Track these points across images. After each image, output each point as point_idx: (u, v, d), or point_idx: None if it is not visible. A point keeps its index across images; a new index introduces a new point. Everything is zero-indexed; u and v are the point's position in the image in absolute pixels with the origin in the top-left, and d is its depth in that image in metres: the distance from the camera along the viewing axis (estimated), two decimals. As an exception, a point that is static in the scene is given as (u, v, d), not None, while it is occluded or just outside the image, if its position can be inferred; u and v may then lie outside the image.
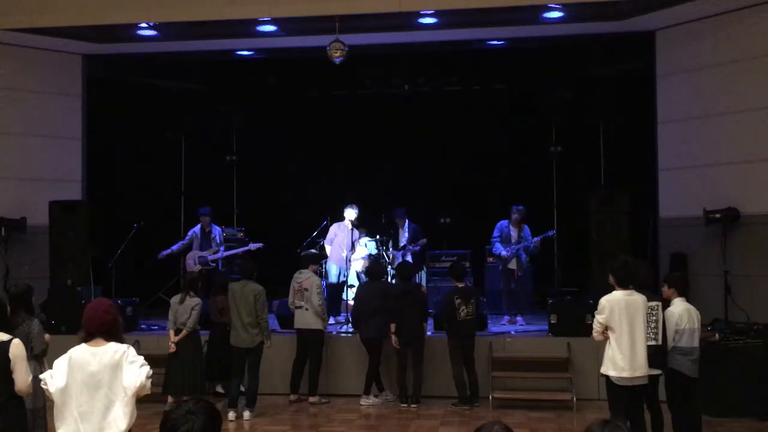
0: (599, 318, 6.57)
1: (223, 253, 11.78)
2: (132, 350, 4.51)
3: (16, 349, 5.18)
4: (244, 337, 8.86)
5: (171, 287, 12.02)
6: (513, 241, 11.16)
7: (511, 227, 11.18)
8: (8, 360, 5.13)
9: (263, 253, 11.68)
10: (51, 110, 11.80)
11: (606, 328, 6.55)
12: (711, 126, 10.46)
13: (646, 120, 11.41)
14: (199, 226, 11.75)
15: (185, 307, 9.00)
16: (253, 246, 11.73)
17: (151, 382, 4.51)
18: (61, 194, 11.36)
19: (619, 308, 6.48)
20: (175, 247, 11.67)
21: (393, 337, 9.33)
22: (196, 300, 9.10)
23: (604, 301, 6.55)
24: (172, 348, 8.95)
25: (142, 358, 4.52)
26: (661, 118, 11.14)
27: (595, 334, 6.67)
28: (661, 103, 11.14)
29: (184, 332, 8.92)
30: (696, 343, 6.97)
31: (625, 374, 6.45)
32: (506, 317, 11.28)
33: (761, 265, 9.82)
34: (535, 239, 11.18)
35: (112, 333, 4.53)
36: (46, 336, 6.51)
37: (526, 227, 11.28)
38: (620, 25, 10.80)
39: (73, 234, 10.82)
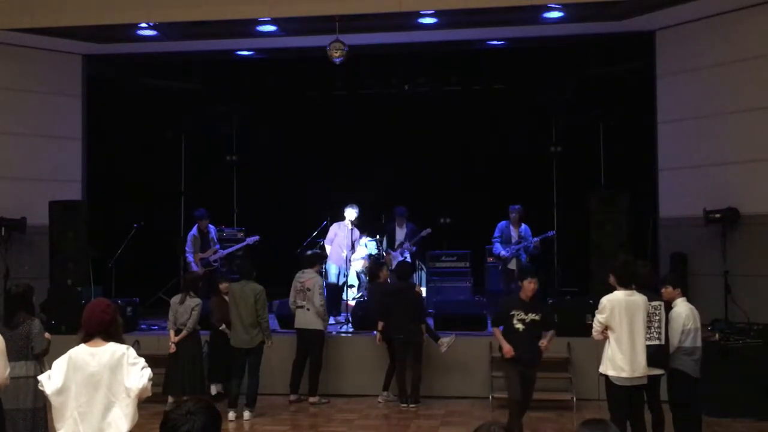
0: (599, 317, 6.57)
1: (222, 252, 11.79)
2: (132, 351, 4.51)
3: None
4: (244, 337, 8.86)
5: (171, 287, 12.02)
6: (513, 240, 11.19)
7: (511, 227, 11.22)
8: None
9: (263, 253, 11.68)
10: (51, 110, 11.80)
11: (605, 328, 6.56)
12: (711, 126, 10.47)
13: (646, 120, 11.42)
14: (196, 227, 11.75)
15: (185, 308, 9.00)
16: (250, 240, 11.73)
17: (151, 384, 4.52)
18: (61, 194, 11.35)
19: (619, 308, 6.48)
20: (191, 258, 11.68)
21: (377, 334, 9.38)
22: (197, 300, 9.10)
23: (605, 300, 6.55)
24: (172, 348, 8.95)
25: (143, 360, 4.52)
26: (661, 118, 11.15)
27: (594, 333, 6.67)
28: (661, 103, 11.15)
29: (184, 332, 8.92)
30: (699, 343, 6.98)
31: (624, 374, 6.45)
32: None
33: (761, 265, 9.82)
34: (535, 239, 11.20)
35: (110, 333, 4.53)
36: (46, 335, 6.51)
37: (525, 226, 11.31)
38: (620, 25, 10.80)
39: (73, 234, 10.81)
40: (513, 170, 13.33)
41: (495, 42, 12.00)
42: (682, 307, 6.98)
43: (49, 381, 4.43)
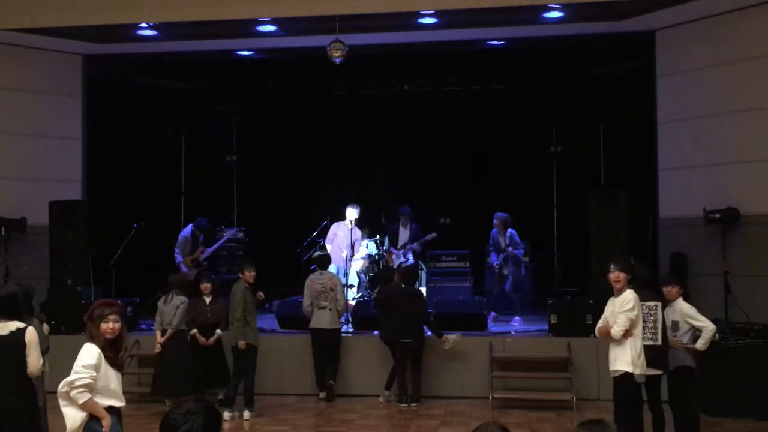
0: (631, 315, 6.45)
1: (208, 250, 11.96)
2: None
3: (31, 335, 5.64)
4: (230, 335, 8.92)
5: (171, 287, 12.01)
6: (502, 247, 11.35)
7: (498, 235, 11.40)
8: (24, 345, 5.56)
9: (263, 253, 11.66)
10: (51, 110, 11.78)
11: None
12: (711, 126, 10.45)
13: (646, 120, 11.40)
14: (190, 229, 11.84)
15: (171, 306, 8.96)
16: (229, 232, 11.78)
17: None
18: (61, 194, 11.35)
19: (638, 306, 6.55)
20: (180, 258, 11.76)
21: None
22: (182, 299, 9.05)
23: (632, 297, 6.52)
24: (158, 348, 8.91)
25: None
26: (661, 118, 11.13)
27: (619, 329, 6.48)
28: (661, 103, 11.13)
29: (170, 331, 8.88)
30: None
31: (637, 371, 6.54)
32: (492, 314, 11.30)
33: (761, 265, 9.80)
34: (520, 251, 11.55)
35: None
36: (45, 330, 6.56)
37: (512, 232, 11.43)
38: (620, 25, 10.79)
39: (73, 234, 10.82)
40: (513, 170, 13.33)
41: (495, 42, 11.99)
42: (683, 305, 7.08)
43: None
